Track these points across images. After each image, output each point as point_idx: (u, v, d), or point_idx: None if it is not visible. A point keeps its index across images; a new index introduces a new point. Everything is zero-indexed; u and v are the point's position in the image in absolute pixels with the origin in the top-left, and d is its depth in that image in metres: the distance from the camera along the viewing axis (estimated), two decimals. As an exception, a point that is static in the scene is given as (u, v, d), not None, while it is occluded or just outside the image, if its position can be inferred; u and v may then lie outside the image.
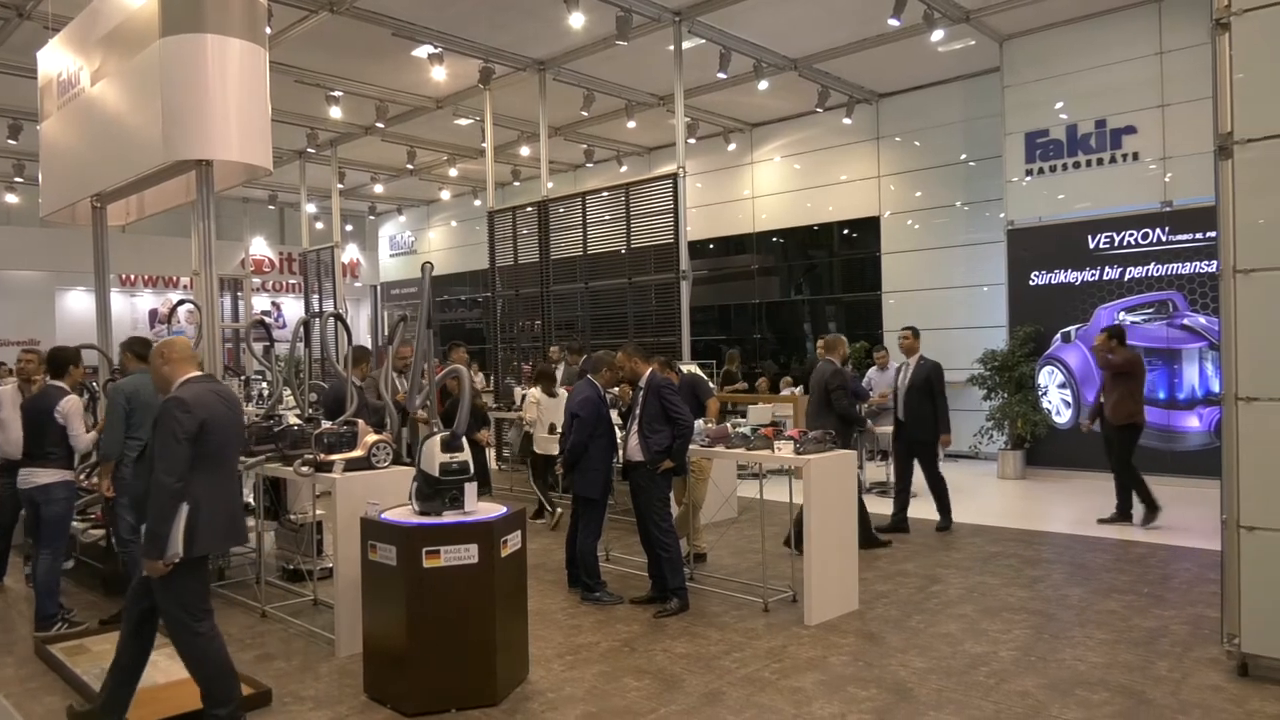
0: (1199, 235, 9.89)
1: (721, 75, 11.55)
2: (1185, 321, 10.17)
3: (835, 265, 15.40)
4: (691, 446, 6.01)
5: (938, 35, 10.78)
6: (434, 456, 4.40)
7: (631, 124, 14.09)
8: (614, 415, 6.46)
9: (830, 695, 4.35)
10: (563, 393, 9.36)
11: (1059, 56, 11.17)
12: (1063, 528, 8.15)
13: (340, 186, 17.67)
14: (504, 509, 4.55)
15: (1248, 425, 4.43)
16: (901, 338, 8.36)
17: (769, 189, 15.67)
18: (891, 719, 4.08)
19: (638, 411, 5.90)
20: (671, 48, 10.74)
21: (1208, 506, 4.87)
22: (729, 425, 6.35)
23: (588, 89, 12.65)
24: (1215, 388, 9.57)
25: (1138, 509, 8.09)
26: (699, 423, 6.27)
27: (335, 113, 13.16)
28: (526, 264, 12.56)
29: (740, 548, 7.56)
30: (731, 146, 15.78)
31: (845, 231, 14.96)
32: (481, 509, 4.50)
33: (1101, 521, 8.13)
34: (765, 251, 16.10)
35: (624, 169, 17.14)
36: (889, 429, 8.87)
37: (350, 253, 22.99)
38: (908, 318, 13.33)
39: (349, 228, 22.88)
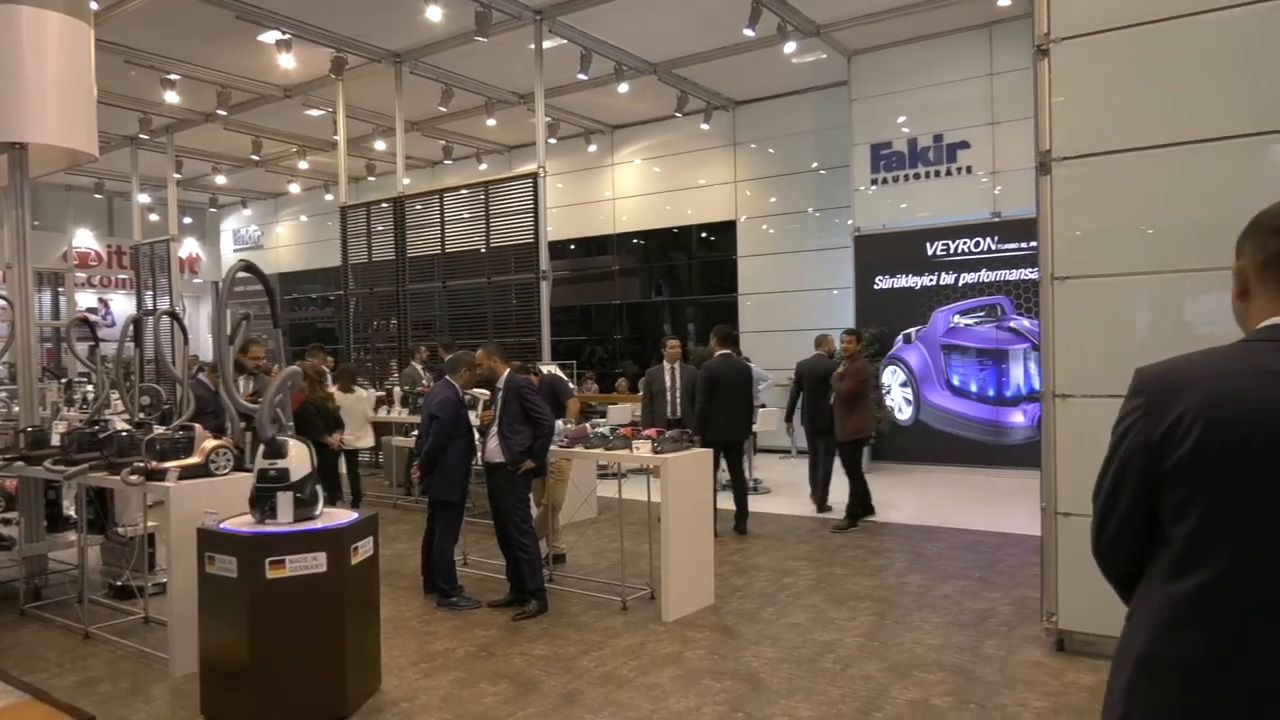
0: (1024, 244, 10.68)
1: (582, 76, 11.58)
2: (1012, 324, 10.97)
3: (694, 267, 15.72)
4: (550, 447, 5.98)
5: (790, 47, 11.18)
6: (258, 462, 4.20)
7: (491, 121, 13.92)
8: (472, 417, 6.36)
9: (686, 689, 4.43)
10: (362, 392, 9.22)
11: (901, 73, 11.82)
12: (904, 519, 8.62)
13: (177, 176, 16.59)
14: (355, 515, 4.39)
15: (1064, 420, 4.81)
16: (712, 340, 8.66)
17: (630, 191, 15.84)
18: (744, 709, 4.19)
19: (497, 412, 5.83)
20: (532, 46, 10.67)
21: (1032, 496, 5.26)
22: (588, 425, 6.37)
23: (446, 84, 12.40)
24: (1037, 385, 10.36)
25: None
26: (558, 423, 6.25)
27: (171, 97, 12.35)
28: (382, 261, 12.19)
29: (600, 547, 7.59)
30: (592, 148, 15.84)
31: (704, 234, 15.30)
32: (332, 515, 4.33)
33: (835, 529, 8.18)
34: (626, 253, 16.26)
35: (484, 167, 16.90)
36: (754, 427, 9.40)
37: (189, 247, 21.62)
38: (763, 319, 13.85)
39: (187, 220, 21.53)
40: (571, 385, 9.01)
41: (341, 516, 4.34)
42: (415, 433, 6.70)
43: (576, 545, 7.52)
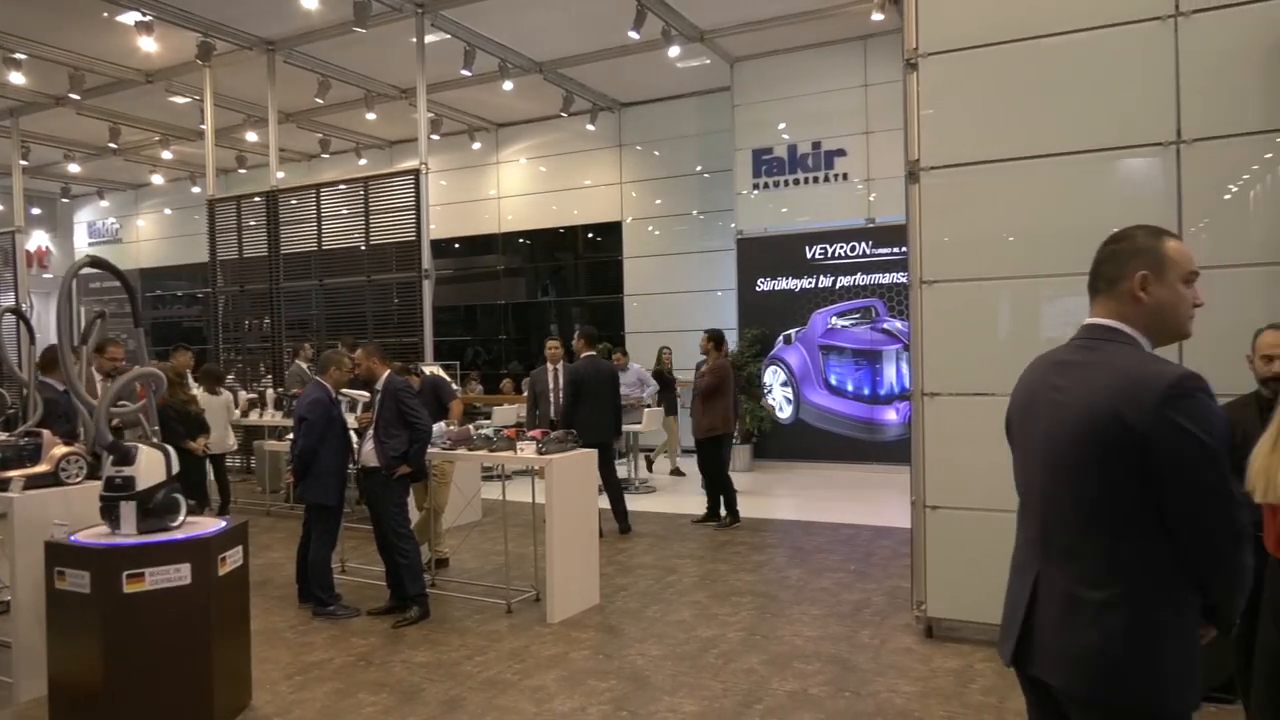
0: (897, 249, 11.14)
1: (466, 72, 11.40)
2: (885, 326, 11.43)
3: (580, 267, 15.71)
4: (433, 449, 5.86)
5: (674, 51, 11.31)
6: (105, 469, 3.96)
7: (371, 115, 13.52)
8: (352, 419, 6.16)
9: (571, 690, 4.42)
10: (228, 394, 8.90)
11: (782, 81, 12.14)
12: (785, 515, 8.85)
13: (24, 163, 15.39)
14: (223, 523, 4.18)
15: (931, 417, 5.04)
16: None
17: (515, 190, 15.69)
18: (629, 707, 4.21)
19: (374, 415, 5.67)
20: (414, 40, 10.43)
21: (905, 490, 5.49)
22: (470, 427, 6.27)
23: (323, 75, 11.96)
24: (909, 384, 10.83)
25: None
26: (440, 425, 6.13)
27: (16, 78, 11.46)
28: (254, 258, 11.66)
29: (484, 550, 7.49)
30: (477, 145, 15.61)
31: (590, 235, 15.31)
32: (198, 524, 4.11)
33: (695, 521, 8.32)
34: (511, 252, 16.10)
35: (363, 162, 16.41)
36: (636, 427, 9.68)
37: (37, 239, 20.15)
38: (649, 320, 13.97)
39: (36, 211, 20.02)
40: (455, 386, 8.85)
41: (208, 525, 4.13)
42: (289, 436, 6.43)
43: (460, 549, 7.39)
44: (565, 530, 5.59)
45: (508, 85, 12.14)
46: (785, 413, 12.01)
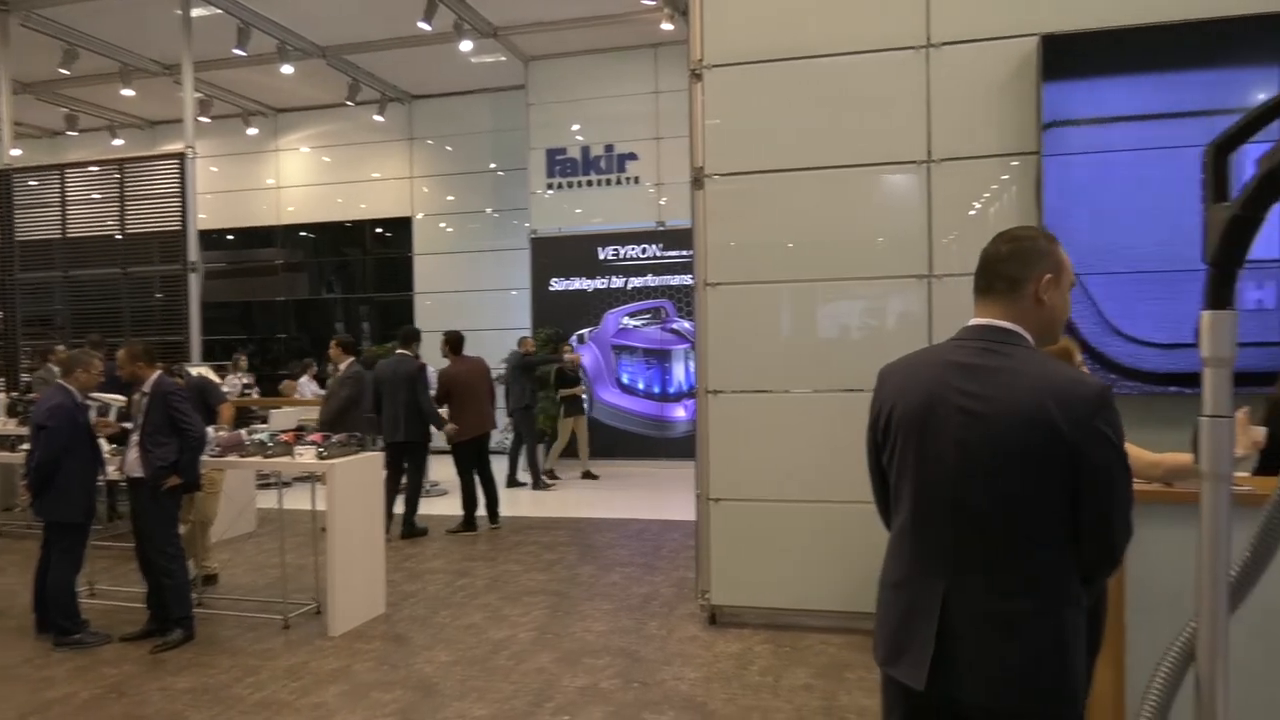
0: (685, 252, 11.53)
1: (240, 52, 10.63)
2: (674, 326, 11.81)
3: (369, 264, 15.08)
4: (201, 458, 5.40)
5: (467, 46, 11.11)
6: None
7: (129, 92, 12.28)
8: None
9: (354, 705, 4.22)
10: None
11: (576, 83, 12.25)
12: (578, 513, 8.93)
13: None
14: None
15: (715, 413, 5.26)
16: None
17: (296, 180, 14.81)
18: (415, 716, 4.08)
19: (140, 420, 5.15)
20: (179, 12, 9.60)
21: (692, 484, 5.70)
22: (243, 432, 5.84)
23: (70, 43, 10.74)
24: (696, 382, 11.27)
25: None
26: (209, 430, 5.66)
27: None
28: (-18, 244, 10.26)
29: (259, 563, 7.01)
30: (252, 130, 14.59)
31: (379, 230, 14.74)
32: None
33: (450, 531, 8.01)
34: (293, 246, 15.20)
35: (120, 142, 14.88)
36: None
37: None
38: (442, 319, 13.61)
39: None
40: (225, 388, 8.21)
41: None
42: (24, 447, 5.71)
43: (231, 563, 6.88)
44: (348, 538, 5.34)
45: (287, 69, 11.43)
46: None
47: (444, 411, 8.15)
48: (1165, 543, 2.73)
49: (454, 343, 8.42)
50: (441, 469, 9.70)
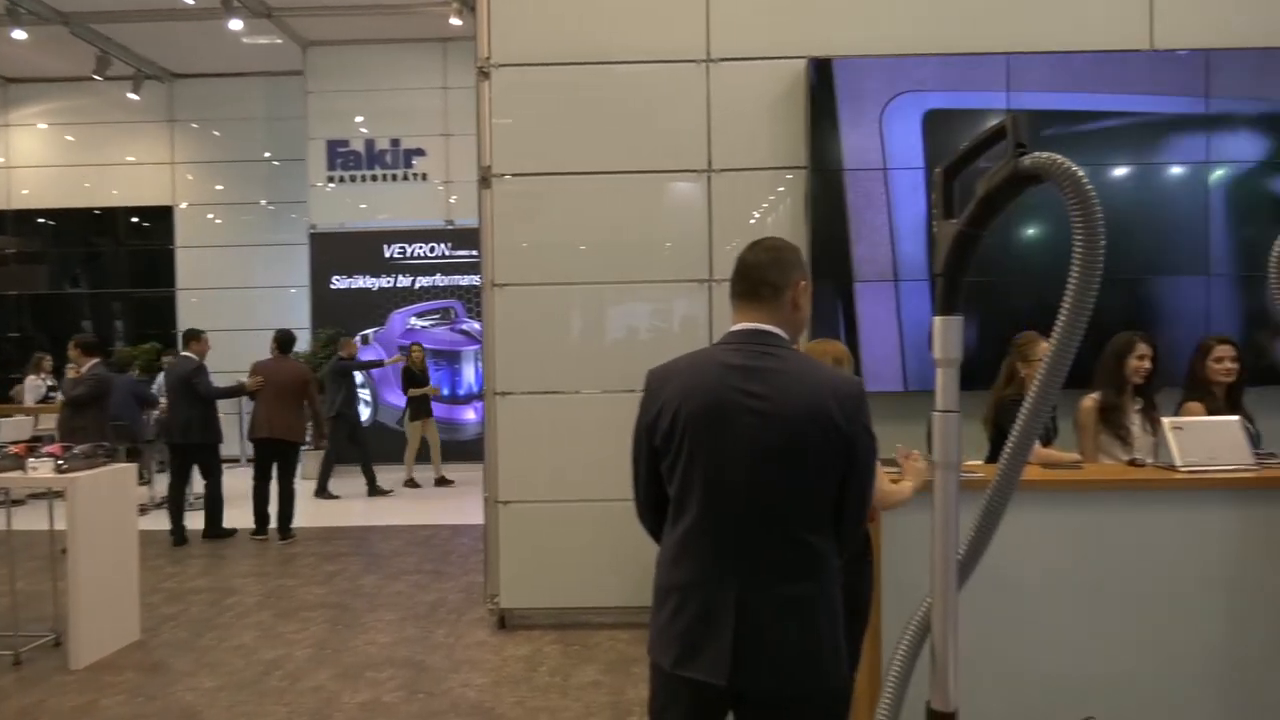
0: (475, 251, 11.35)
1: (-40, 10, 9.32)
2: (464, 327, 11.61)
3: (122, 256, 13.68)
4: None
5: (237, 25, 10.35)
6: None
7: None
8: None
9: (100, 744, 3.82)
10: None
11: (360, 73, 11.73)
12: (361, 520, 8.56)
13: None
14: None
15: (504, 415, 5.22)
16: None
17: (32, 160, 13.19)
18: (175, 751, 3.75)
19: None
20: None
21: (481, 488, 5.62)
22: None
23: None
24: (487, 385, 11.14)
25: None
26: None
27: None
28: None
29: (-16, 593, 6.17)
30: (-24, 101, 12.86)
31: (134, 219, 13.41)
32: None
33: (284, 538, 7.73)
34: (28, 234, 13.51)
35: None
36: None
37: None
38: (209, 318, 12.59)
39: None
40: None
41: None
42: None
43: (-52, 594, 6.01)
44: (94, 559, 4.80)
45: (20, 34, 10.15)
46: (362, 416, 11.60)
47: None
48: (920, 528, 3.01)
49: (282, 342, 8.10)
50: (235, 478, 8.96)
